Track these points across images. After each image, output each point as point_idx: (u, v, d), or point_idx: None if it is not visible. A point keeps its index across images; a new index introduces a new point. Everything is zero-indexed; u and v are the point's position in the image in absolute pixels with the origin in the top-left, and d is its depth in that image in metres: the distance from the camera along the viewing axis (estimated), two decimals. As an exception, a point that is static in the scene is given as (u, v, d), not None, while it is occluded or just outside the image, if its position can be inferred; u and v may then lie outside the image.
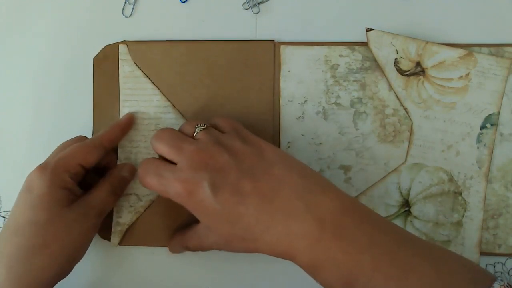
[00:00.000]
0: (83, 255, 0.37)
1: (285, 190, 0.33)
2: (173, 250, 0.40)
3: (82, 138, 0.40)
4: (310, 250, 0.32)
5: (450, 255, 0.33)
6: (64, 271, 0.36)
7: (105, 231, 0.41)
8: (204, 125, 0.36)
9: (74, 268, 0.37)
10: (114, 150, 0.41)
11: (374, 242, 0.32)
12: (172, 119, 0.42)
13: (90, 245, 0.38)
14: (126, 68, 0.42)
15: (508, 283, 0.31)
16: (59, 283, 0.36)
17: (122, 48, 0.42)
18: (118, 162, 0.41)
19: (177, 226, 0.41)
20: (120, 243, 0.41)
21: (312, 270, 0.33)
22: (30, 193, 0.35)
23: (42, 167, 0.35)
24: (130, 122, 0.41)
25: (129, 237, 0.41)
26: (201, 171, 0.33)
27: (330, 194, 0.33)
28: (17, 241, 0.34)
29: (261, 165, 0.34)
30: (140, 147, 0.41)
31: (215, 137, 0.35)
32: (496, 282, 0.31)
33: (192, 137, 0.36)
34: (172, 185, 0.33)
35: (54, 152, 0.39)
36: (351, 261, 0.31)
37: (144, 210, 0.41)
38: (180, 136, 0.35)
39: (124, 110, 0.42)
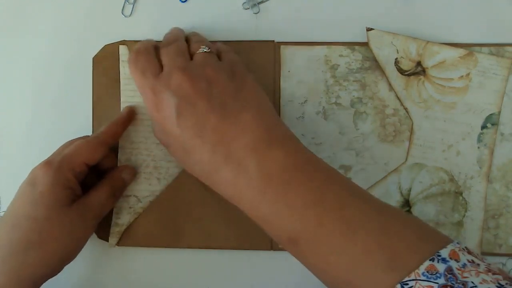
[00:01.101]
0: (76, 256, 0.37)
1: (244, 138, 0.33)
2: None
3: (85, 137, 0.39)
4: (255, 201, 0.32)
5: (404, 216, 0.33)
6: (55, 270, 0.36)
7: (103, 232, 0.41)
8: (208, 49, 0.36)
9: (72, 268, 0.37)
10: (114, 150, 0.41)
11: (322, 197, 0.31)
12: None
13: (89, 245, 0.38)
14: (127, 69, 0.41)
15: (466, 247, 0.30)
16: (56, 283, 0.36)
17: (123, 49, 0.42)
18: (118, 164, 0.41)
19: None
20: (118, 244, 0.41)
21: (259, 221, 0.33)
22: (32, 188, 0.35)
23: (47, 164, 0.35)
24: (131, 115, 0.41)
25: (127, 238, 0.41)
26: (174, 91, 0.33)
27: (286, 149, 0.33)
28: (12, 235, 0.34)
29: (233, 105, 0.33)
30: (140, 149, 0.41)
31: (206, 63, 0.35)
32: (451, 244, 0.30)
33: (192, 54, 0.36)
34: (146, 89, 0.34)
35: (59, 149, 0.39)
36: (295, 216, 0.31)
37: (143, 211, 0.41)
38: (181, 49, 0.36)
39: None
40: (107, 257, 0.42)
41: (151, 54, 0.36)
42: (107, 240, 0.41)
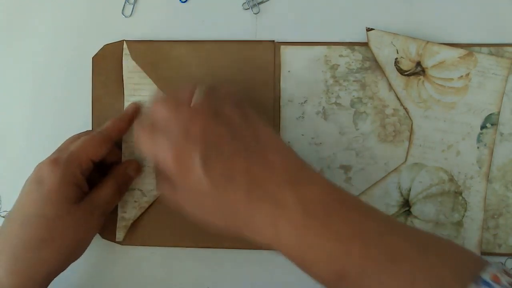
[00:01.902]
0: (84, 251, 0.37)
1: (276, 177, 0.32)
2: (161, 190, 0.37)
3: (89, 133, 0.39)
4: (297, 239, 0.31)
5: (439, 239, 0.33)
6: (62, 267, 0.36)
7: (106, 231, 0.41)
8: (203, 91, 0.34)
9: (77, 266, 0.37)
10: (118, 145, 0.41)
11: (364, 230, 0.31)
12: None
13: (93, 244, 0.38)
14: (130, 63, 0.42)
15: (504, 269, 0.30)
16: (61, 281, 0.36)
17: (126, 44, 0.42)
18: (123, 157, 0.41)
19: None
20: (122, 243, 0.41)
21: (301, 261, 0.32)
22: (40, 186, 0.35)
23: (54, 161, 0.35)
24: (136, 112, 0.41)
25: (130, 237, 0.41)
26: (194, 141, 0.31)
27: (319, 185, 0.33)
28: (24, 233, 0.34)
29: (256, 147, 0.32)
30: None
31: (214, 104, 0.33)
32: (489, 266, 0.30)
33: (191, 100, 0.34)
34: (164, 152, 0.31)
35: (63, 145, 0.39)
36: (340, 250, 0.30)
37: (149, 206, 0.41)
38: (176, 100, 0.33)
39: None
40: (111, 255, 0.42)
41: (152, 124, 0.33)
42: (111, 240, 0.41)
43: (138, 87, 0.42)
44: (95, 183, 0.38)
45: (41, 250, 0.34)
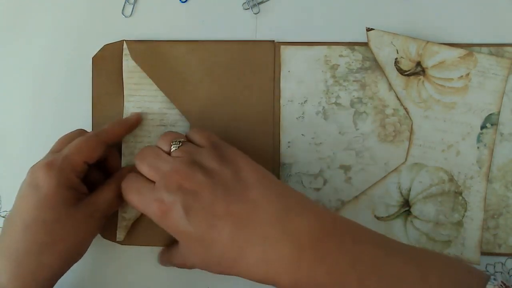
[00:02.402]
0: (84, 254, 0.37)
1: (260, 214, 0.32)
2: (162, 264, 0.40)
3: (82, 132, 0.39)
4: (290, 275, 0.31)
5: (438, 259, 0.33)
6: (64, 270, 0.36)
7: (107, 231, 0.41)
8: (180, 142, 0.35)
9: (77, 267, 0.37)
10: (118, 147, 0.41)
11: (358, 260, 0.31)
12: (176, 115, 0.42)
13: (93, 244, 0.38)
14: (130, 62, 0.42)
15: (502, 281, 0.30)
16: (61, 282, 0.36)
17: (126, 44, 0.42)
18: (123, 158, 0.41)
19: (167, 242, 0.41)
20: (122, 243, 0.41)
21: None
22: (36, 191, 0.35)
23: (48, 165, 0.35)
24: (138, 122, 0.41)
25: (130, 237, 0.41)
26: (175, 192, 0.32)
27: (308, 215, 0.32)
28: (25, 238, 0.34)
29: (236, 187, 0.33)
30: (144, 142, 0.42)
31: (190, 154, 0.34)
32: (489, 282, 0.30)
33: (169, 153, 0.35)
34: (149, 204, 0.33)
35: (56, 144, 0.38)
36: (336, 282, 0.30)
37: None
38: (158, 154, 0.35)
39: (129, 105, 0.42)
40: (111, 256, 0.42)
41: (137, 175, 0.36)
42: (112, 240, 0.41)
43: (138, 87, 0.42)
44: (98, 185, 0.38)
45: (42, 254, 0.34)
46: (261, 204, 0.32)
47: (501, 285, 0.30)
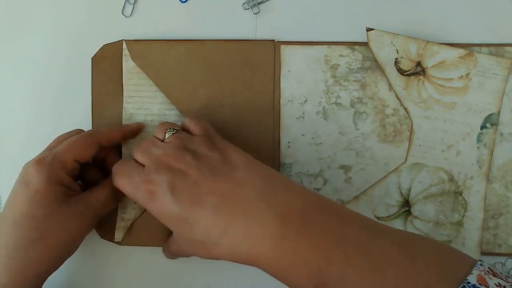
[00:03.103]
0: (75, 251, 0.37)
1: (245, 191, 0.32)
2: (166, 256, 0.40)
3: (80, 132, 0.40)
4: (274, 251, 0.30)
5: (425, 243, 0.32)
6: (56, 265, 0.36)
7: (105, 231, 0.41)
8: (174, 130, 0.36)
9: (76, 267, 0.37)
10: (117, 148, 0.42)
11: (344, 236, 0.30)
12: (176, 116, 0.42)
13: (93, 244, 0.38)
14: (130, 63, 0.42)
15: (489, 267, 0.30)
16: (60, 282, 0.36)
17: (126, 44, 0.42)
18: (123, 157, 0.42)
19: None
20: (121, 243, 0.41)
21: (280, 273, 0.31)
22: (26, 187, 0.35)
23: (39, 162, 0.36)
24: (138, 130, 0.41)
25: (130, 237, 0.41)
26: (163, 173, 0.33)
27: (294, 192, 0.32)
28: (15, 233, 0.34)
29: (223, 168, 0.33)
30: None
31: (182, 140, 0.35)
32: (475, 267, 0.30)
33: (163, 141, 0.36)
34: (138, 187, 0.34)
35: (52, 142, 0.39)
36: (321, 258, 0.30)
37: None
38: (151, 141, 0.36)
39: (128, 106, 0.42)
40: (110, 256, 0.42)
41: (128, 160, 0.37)
42: (111, 240, 0.41)
43: (137, 88, 0.42)
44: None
45: (31, 250, 0.34)
46: (246, 183, 0.32)
47: (488, 271, 0.30)
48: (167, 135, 0.36)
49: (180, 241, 0.36)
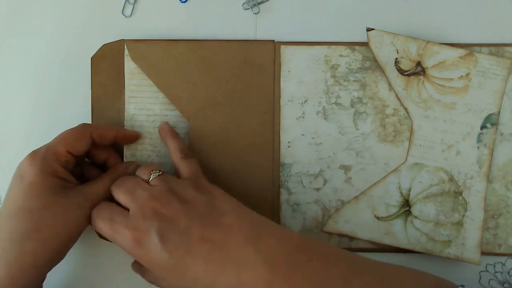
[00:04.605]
0: (75, 241, 0.37)
1: (234, 237, 0.32)
2: (134, 271, 0.39)
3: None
4: None
5: (406, 275, 0.33)
6: (57, 257, 0.36)
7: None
8: (160, 171, 0.36)
9: (76, 266, 0.37)
10: (119, 149, 0.42)
11: (329, 277, 0.31)
12: (177, 117, 0.42)
13: (93, 244, 0.38)
14: (132, 64, 0.42)
15: None
16: (59, 281, 0.36)
17: (128, 45, 0.42)
18: (125, 159, 0.42)
19: None
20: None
21: None
22: (21, 180, 0.35)
23: (32, 155, 0.36)
24: (133, 138, 0.41)
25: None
26: (150, 219, 0.33)
27: (279, 235, 0.33)
28: (10, 225, 0.34)
29: (211, 214, 0.33)
30: (145, 144, 0.42)
31: (168, 184, 0.35)
32: None
33: (148, 182, 0.36)
34: (121, 232, 0.33)
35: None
36: None
37: None
38: (136, 182, 0.36)
39: (130, 107, 0.42)
40: (110, 256, 0.42)
41: (110, 203, 0.36)
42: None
43: (139, 89, 0.42)
44: None
45: (27, 242, 0.34)
46: (234, 229, 0.33)
47: None
48: (152, 177, 0.36)
49: (162, 282, 0.36)
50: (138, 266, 0.38)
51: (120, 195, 0.35)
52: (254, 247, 0.32)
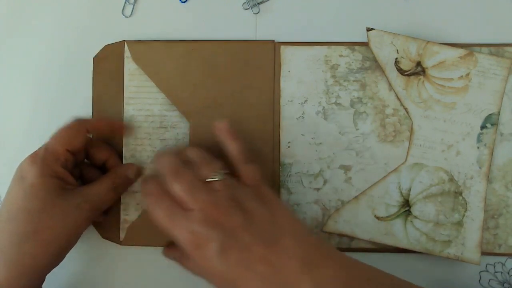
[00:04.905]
0: (73, 245, 0.37)
1: (291, 262, 0.32)
2: (167, 257, 0.39)
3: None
4: None
5: None
6: (56, 259, 0.36)
7: (106, 231, 0.41)
8: (223, 173, 0.35)
9: (76, 267, 0.37)
10: (119, 150, 0.42)
11: None
12: (177, 117, 0.42)
13: (93, 244, 0.38)
14: (132, 65, 0.42)
15: None
16: (60, 281, 0.36)
17: (127, 46, 0.42)
18: (124, 160, 0.42)
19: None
20: (122, 243, 0.41)
21: None
22: (22, 182, 0.35)
23: (33, 156, 0.36)
24: (129, 131, 0.41)
25: (130, 237, 0.41)
26: (213, 228, 0.32)
27: (333, 265, 0.33)
28: (9, 227, 0.34)
29: (273, 231, 0.33)
30: (144, 145, 0.42)
31: (232, 191, 0.34)
32: None
33: (206, 179, 0.35)
34: (181, 233, 0.33)
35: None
36: None
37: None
38: (195, 178, 0.34)
39: (128, 108, 0.42)
40: (111, 256, 0.42)
41: (166, 194, 0.34)
42: (112, 240, 0.41)
43: (138, 90, 0.42)
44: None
45: (26, 244, 0.34)
46: (292, 253, 0.33)
47: None
48: (213, 178, 0.35)
49: (205, 276, 0.35)
50: (175, 254, 0.38)
51: (178, 189, 0.34)
52: (310, 277, 0.32)
